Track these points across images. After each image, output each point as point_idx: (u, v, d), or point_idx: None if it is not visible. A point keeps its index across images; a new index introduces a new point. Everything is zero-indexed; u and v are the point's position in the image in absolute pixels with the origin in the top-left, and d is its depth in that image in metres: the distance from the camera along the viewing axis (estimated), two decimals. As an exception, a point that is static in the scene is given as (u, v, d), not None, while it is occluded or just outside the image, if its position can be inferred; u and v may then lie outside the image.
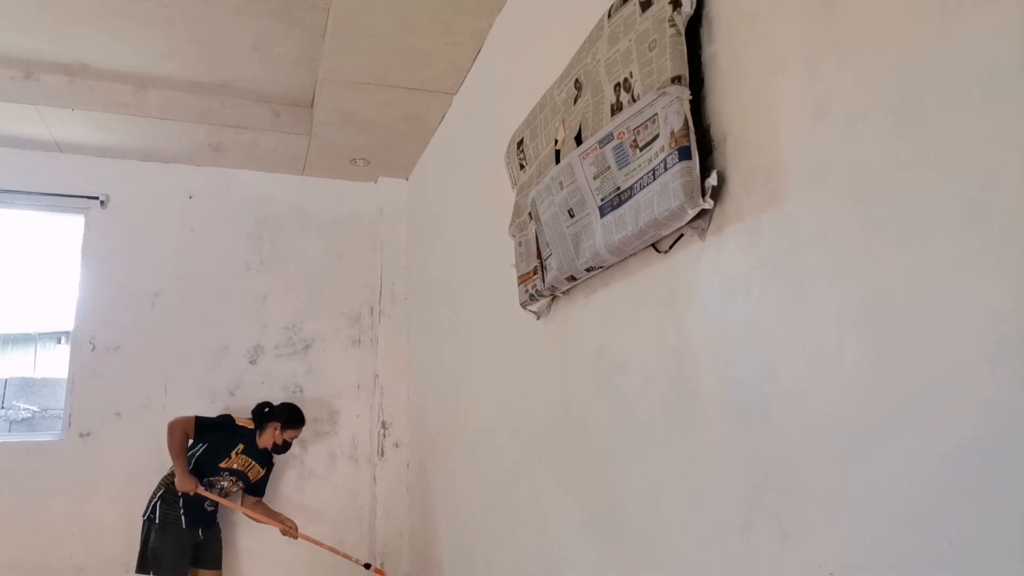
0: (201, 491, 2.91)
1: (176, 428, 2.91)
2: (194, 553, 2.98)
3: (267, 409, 3.19)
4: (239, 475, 3.08)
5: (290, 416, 3.16)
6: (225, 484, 3.04)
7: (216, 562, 3.08)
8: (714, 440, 1.17)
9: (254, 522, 3.44)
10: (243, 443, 3.06)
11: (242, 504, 3.23)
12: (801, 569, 0.98)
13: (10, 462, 3.20)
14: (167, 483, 2.96)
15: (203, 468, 2.98)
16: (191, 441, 2.99)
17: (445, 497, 2.90)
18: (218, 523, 3.13)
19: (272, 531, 3.45)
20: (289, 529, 3.15)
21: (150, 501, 2.95)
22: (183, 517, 2.90)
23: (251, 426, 3.12)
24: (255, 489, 3.22)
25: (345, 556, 3.19)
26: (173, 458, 2.89)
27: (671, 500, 1.30)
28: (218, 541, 3.12)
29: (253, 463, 3.12)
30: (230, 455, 3.02)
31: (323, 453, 3.60)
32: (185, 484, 2.86)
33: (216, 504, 3.06)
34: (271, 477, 3.31)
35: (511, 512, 2.13)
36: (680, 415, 1.27)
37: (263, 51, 2.78)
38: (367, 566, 3.20)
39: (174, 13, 2.52)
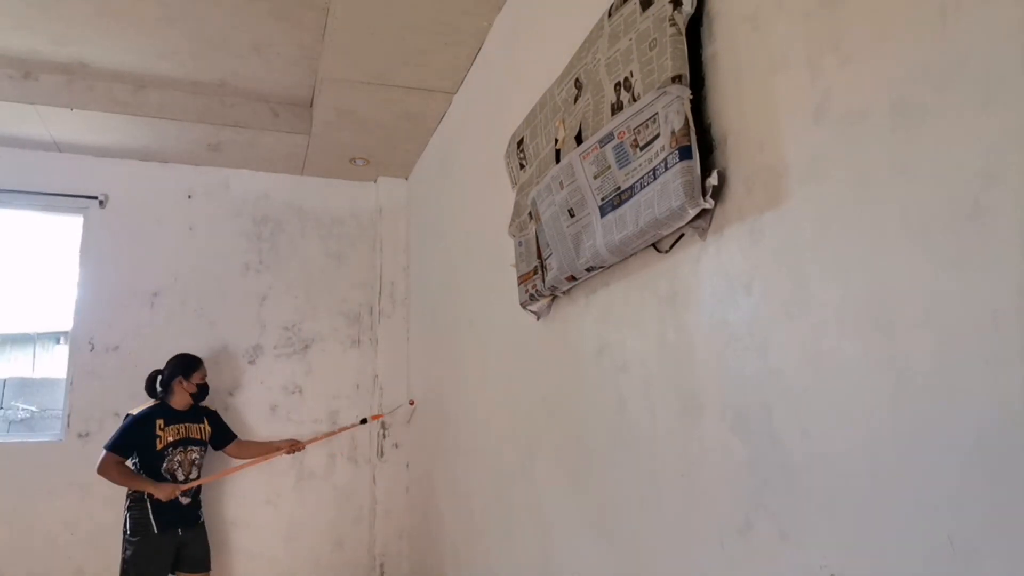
0: (183, 488, 2.83)
1: (107, 467, 2.76)
2: (177, 555, 2.86)
3: (159, 376, 3.05)
4: (184, 443, 2.94)
5: (183, 365, 3.03)
6: (179, 458, 2.91)
7: (200, 564, 2.94)
8: (714, 440, 1.17)
9: (249, 518, 3.43)
10: (159, 419, 2.91)
11: (228, 455, 3.21)
12: (801, 569, 0.98)
13: (9, 463, 3.19)
14: (130, 493, 2.85)
15: (152, 466, 2.86)
16: (128, 462, 2.86)
17: (445, 497, 2.90)
18: (202, 522, 3.00)
19: (269, 531, 3.45)
20: (293, 446, 3.19)
21: (123, 516, 2.85)
22: (154, 522, 2.77)
23: (152, 403, 2.98)
24: (219, 440, 3.13)
25: (343, 429, 3.39)
26: (132, 487, 2.79)
27: (671, 500, 1.30)
28: (202, 541, 2.97)
29: (187, 425, 2.98)
30: (157, 436, 2.87)
31: (323, 453, 3.59)
32: (163, 492, 2.77)
33: (197, 500, 2.96)
34: (226, 417, 3.25)
35: (511, 512, 2.13)
36: (680, 415, 1.27)
37: (262, 50, 2.78)
38: (363, 421, 3.40)
39: (173, 12, 2.52)
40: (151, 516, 2.78)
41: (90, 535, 3.19)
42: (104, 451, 2.81)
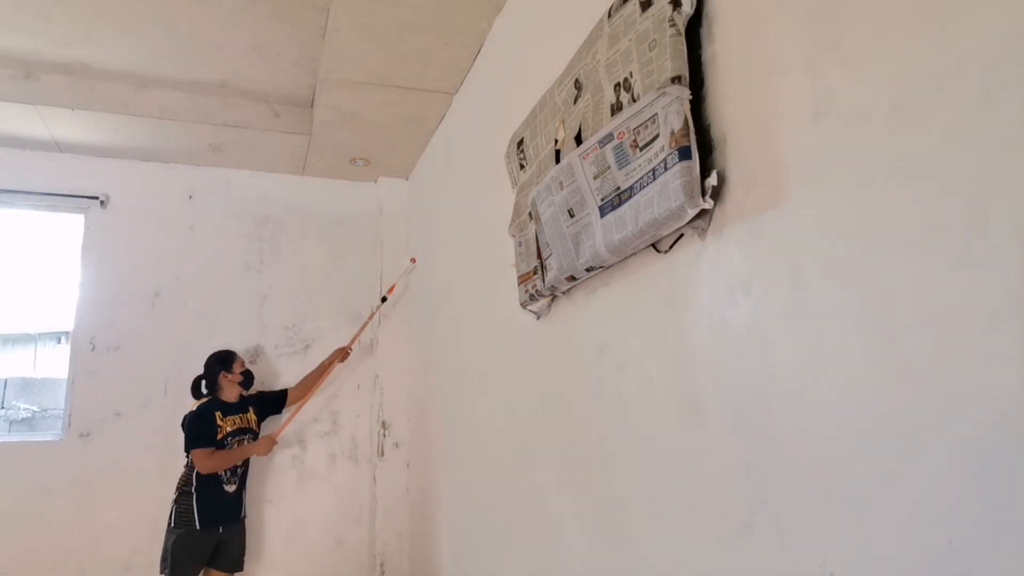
0: (277, 439, 3.17)
1: (206, 462, 2.89)
2: (216, 551, 2.91)
3: (203, 379, 3.14)
4: (240, 432, 3.07)
5: (221, 360, 3.14)
6: (234, 446, 3.04)
7: (234, 564, 2.99)
8: (714, 440, 1.17)
9: (250, 517, 3.43)
10: (216, 411, 3.02)
11: (292, 404, 3.34)
12: (801, 569, 0.98)
13: (10, 462, 3.20)
14: (180, 486, 2.91)
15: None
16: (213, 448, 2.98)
17: (445, 497, 2.90)
18: (244, 517, 3.07)
19: (270, 530, 3.45)
20: (343, 355, 3.42)
21: (171, 507, 2.90)
22: (197, 517, 2.84)
23: (204, 401, 3.06)
24: (273, 406, 3.30)
25: (372, 316, 3.58)
26: (239, 459, 2.99)
27: (671, 500, 1.30)
28: (240, 540, 3.04)
29: (237, 417, 3.09)
30: (219, 427, 2.99)
31: (323, 453, 3.60)
32: (263, 448, 3.09)
33: (240, 496, 3.02)
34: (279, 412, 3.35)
35: (511, 512, 2.13)
36: (680, 415, 1.27)
37: (263, 51, 2.78)
38: (383, 300, 3.56)
39: (174, 13, 2.52)
40: (195, 510, 2.84)
41: (91, 535, 3.20)
42: (192, 451, 2.90)
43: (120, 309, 3.41)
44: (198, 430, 2.94)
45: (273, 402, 3.30)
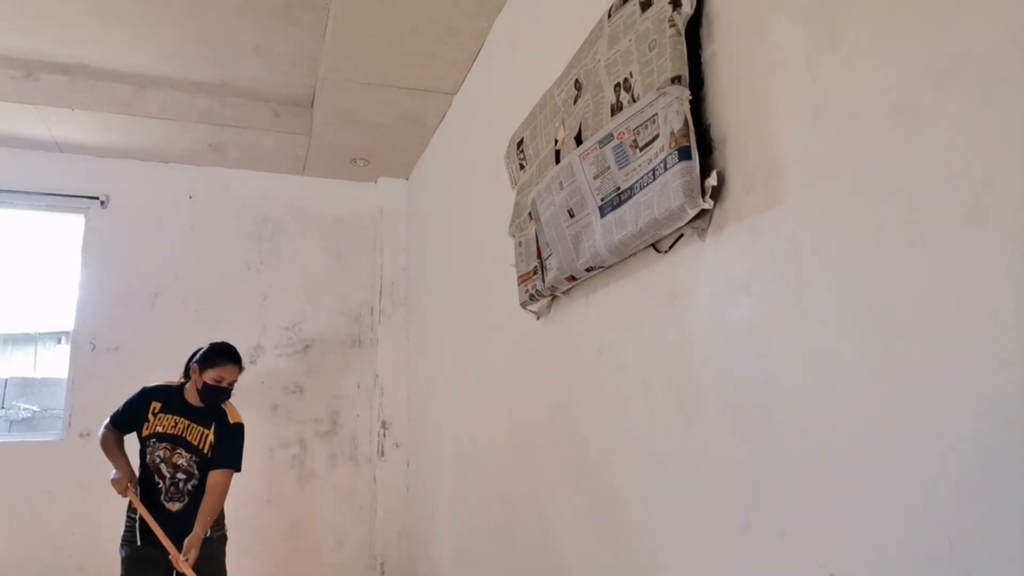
0: (130, 495, 2.39)
1: (101, 440, 2.48)
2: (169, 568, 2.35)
3: (193, 354, 2.54)
4: (171, 440, 2.38)
5: (207, 353, 2.46)
6: (162, 454, 2.38)
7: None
8: (714, 440, 1.17)
9: (250, 518, 3.42)
10: (157, 401, 2.43)
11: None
12: (801, 569, 0.98)
13: (10, 462, 3.20)
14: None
15: (141, 453, 2.42)
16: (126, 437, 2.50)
17: (445, 497, 2.90)
18: (208, 537, 2.35)
19: (270, 531, 3.45)
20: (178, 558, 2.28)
21: None
22: (138, 533, 2.37)
23: (175, 382, 2.53)
24: (216, 459, 2.41)
25: None
26: (108, 459, 2.45)
27: (671, 500, 1.30)
28: (202, 560, 2.31)
29: (184, 422, 2.41)
30: (147, 418, 2.41)
31: (323, 453, 3.60)
32: (116, 483, 2.39)
33: (186, 509, 2.40)
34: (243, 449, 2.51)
35: (511, 512, 2.13)
36: (680, 415, 1.27)
37: (263, 51, 2.78)
38: None
39: (174, 13, 2.52)
40: (136, 526, 2.39)
41: (90, 535, 3.19)
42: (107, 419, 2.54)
43: (120, 309, 3.41)
44: (125, 409, 2.48)
45: (215, 455, 2.43)
